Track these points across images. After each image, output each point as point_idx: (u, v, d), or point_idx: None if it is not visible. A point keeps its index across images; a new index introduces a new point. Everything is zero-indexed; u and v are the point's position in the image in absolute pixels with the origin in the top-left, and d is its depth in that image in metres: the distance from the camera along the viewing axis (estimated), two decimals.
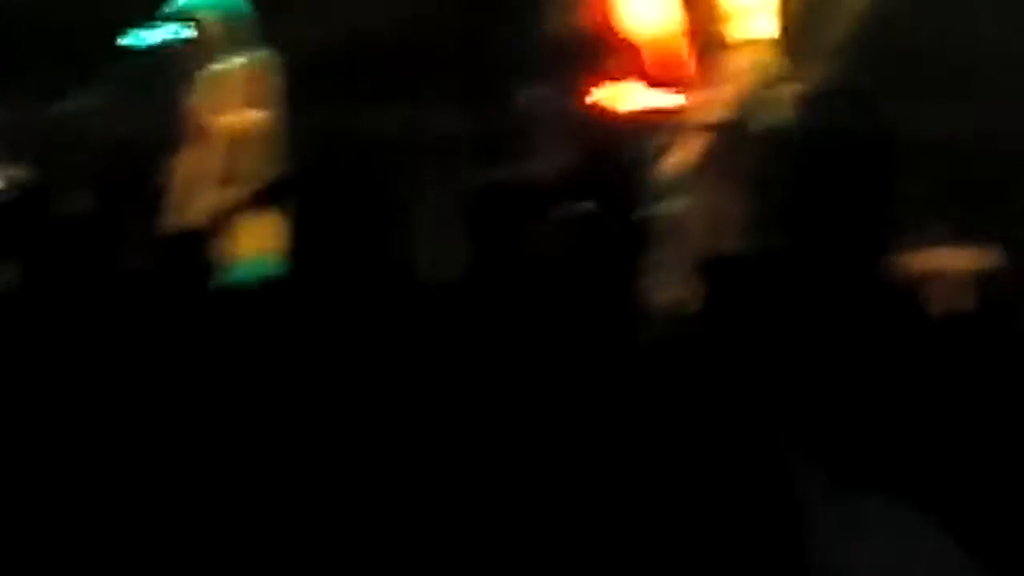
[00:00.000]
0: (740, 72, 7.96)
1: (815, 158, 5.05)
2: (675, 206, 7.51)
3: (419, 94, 8.80)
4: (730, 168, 7.54)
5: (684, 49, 7.72)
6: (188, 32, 8.24)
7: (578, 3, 7.69)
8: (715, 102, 7.74)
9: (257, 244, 7.65)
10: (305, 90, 8.24)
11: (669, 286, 7.73)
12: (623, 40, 7.60)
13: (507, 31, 8.28)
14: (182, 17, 8.22)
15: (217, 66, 8.24)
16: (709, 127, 7.54)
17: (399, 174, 7.83)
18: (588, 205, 6.03)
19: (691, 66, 7.76)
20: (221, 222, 7.72)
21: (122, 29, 8.62)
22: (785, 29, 8.58)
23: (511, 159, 7.39)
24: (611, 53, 7.58)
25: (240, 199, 7.87)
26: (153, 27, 8.51)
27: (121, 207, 7.13)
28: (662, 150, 7.47)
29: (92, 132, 8.16)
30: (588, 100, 7.55)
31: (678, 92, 7.64)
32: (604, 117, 7.54)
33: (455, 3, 9.69)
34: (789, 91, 8.53)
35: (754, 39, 8.05)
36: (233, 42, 8.10)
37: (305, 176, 7.42)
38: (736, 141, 7.58)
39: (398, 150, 8.45)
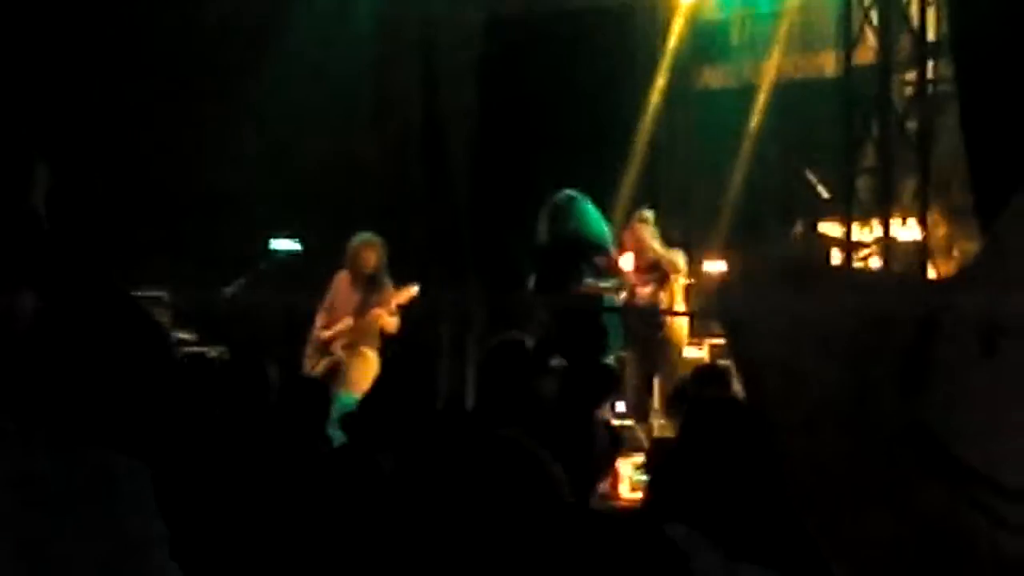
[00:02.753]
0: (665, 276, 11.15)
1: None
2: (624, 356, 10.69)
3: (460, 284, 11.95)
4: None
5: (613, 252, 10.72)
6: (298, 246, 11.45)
7: (553, 223, 10.51)
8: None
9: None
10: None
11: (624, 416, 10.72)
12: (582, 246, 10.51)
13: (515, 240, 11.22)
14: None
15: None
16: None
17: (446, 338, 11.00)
18: (561, 360, 8.88)
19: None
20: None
21: (268, 238, 11.88)
22: None
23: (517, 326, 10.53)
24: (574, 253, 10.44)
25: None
26: (284, 241, 11.85)
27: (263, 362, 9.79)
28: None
29: (241, 309, 11.24)
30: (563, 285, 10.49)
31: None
32: (572, 297, 10.46)
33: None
34: None
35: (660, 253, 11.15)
36: None
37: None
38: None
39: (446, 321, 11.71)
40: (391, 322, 11.28)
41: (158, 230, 12.45)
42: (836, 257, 11.73)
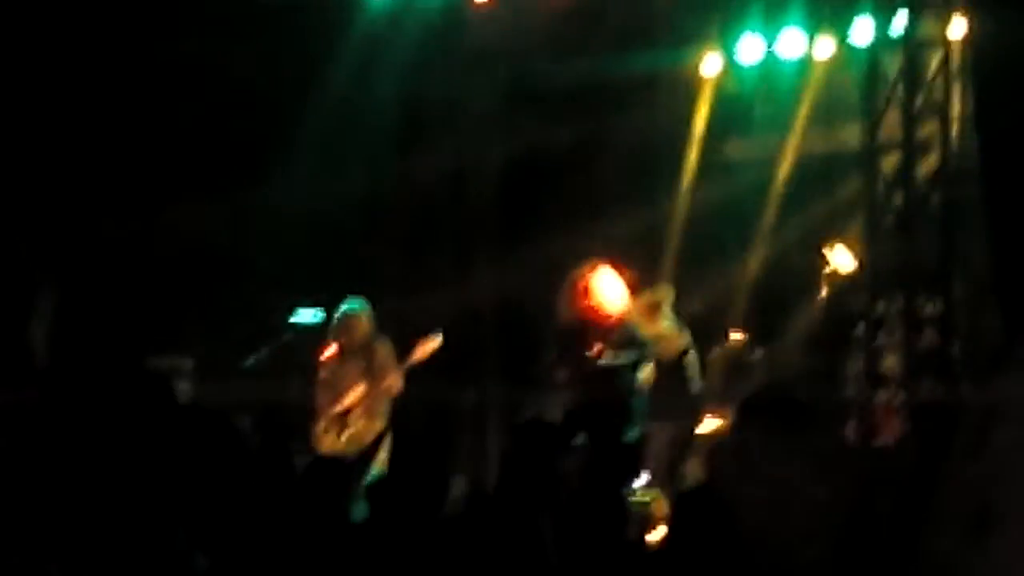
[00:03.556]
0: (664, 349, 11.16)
1: None
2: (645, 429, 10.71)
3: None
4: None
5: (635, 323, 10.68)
6: (321, 318, 11.49)
7: (573, 300, 10.53)
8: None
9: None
10: None
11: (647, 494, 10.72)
12: (601, 320, 10.47)
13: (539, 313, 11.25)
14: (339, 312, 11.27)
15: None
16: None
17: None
18: (583, 437, 8.88)
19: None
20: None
21: (288, 311, 11.94)
22: None
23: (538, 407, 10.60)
24: (593, 328, 10.44)
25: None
26: (308, 310, 11.90)
27: (282, 432, 9.86)
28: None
29: (265, 379, 11.29)
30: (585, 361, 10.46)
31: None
32: (594, 373, 10.43)
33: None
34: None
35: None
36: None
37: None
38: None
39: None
40: (398, 384, 11.28)
41: (184, 299, 12.56)
42: (860, 330, 11.79)
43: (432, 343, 11.30)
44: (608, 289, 10.63)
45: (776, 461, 5.04)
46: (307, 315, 12.06)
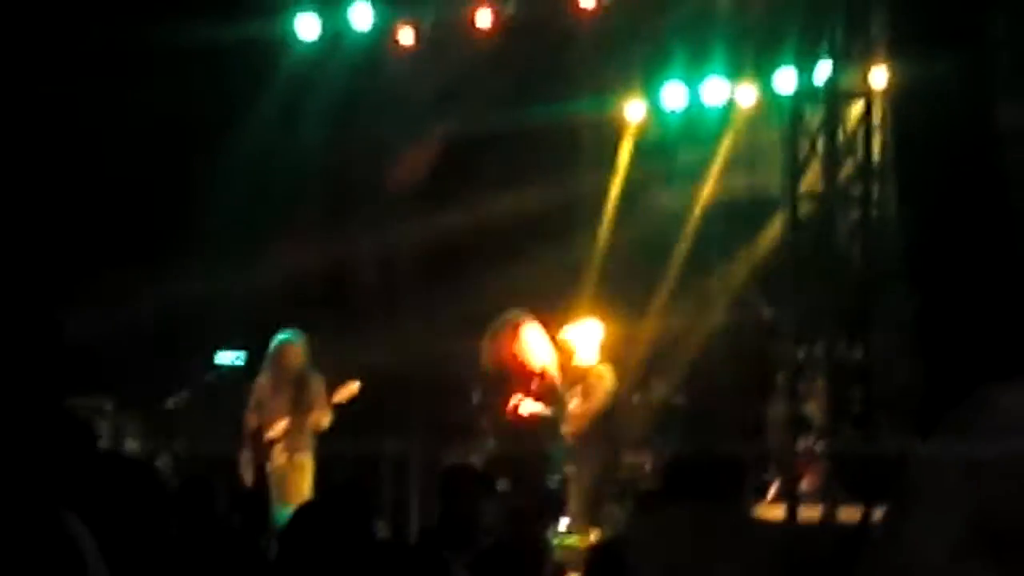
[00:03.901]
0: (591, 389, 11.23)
1: None
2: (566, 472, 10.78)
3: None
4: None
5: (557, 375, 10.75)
6: (243, 361, 11.49)
7: (497, 349, 10.56)
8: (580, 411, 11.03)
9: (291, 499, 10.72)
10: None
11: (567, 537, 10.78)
12: (524, 370, 10.53)
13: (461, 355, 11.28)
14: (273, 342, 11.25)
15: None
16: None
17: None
18: (504, 483, 8.95)
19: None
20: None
21: (210, 352, 11.93)
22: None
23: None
24: (516, 378, 10.49)
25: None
26: (229, 353, 11.88)
27: (208, 472, 9.77)
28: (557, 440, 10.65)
29: (186, 420, 11.27)
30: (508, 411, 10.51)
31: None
32: (517, 422, 10.46)
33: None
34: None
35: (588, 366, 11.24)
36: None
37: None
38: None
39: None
40: (326, 419, 11.28)
41: (104, 340, 12.42)
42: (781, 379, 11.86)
43: (351, 388, 11.29)
44: (532, 340, 10.67)
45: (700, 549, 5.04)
46: (228, 357, 12.03)
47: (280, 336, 11.39)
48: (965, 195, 9.65)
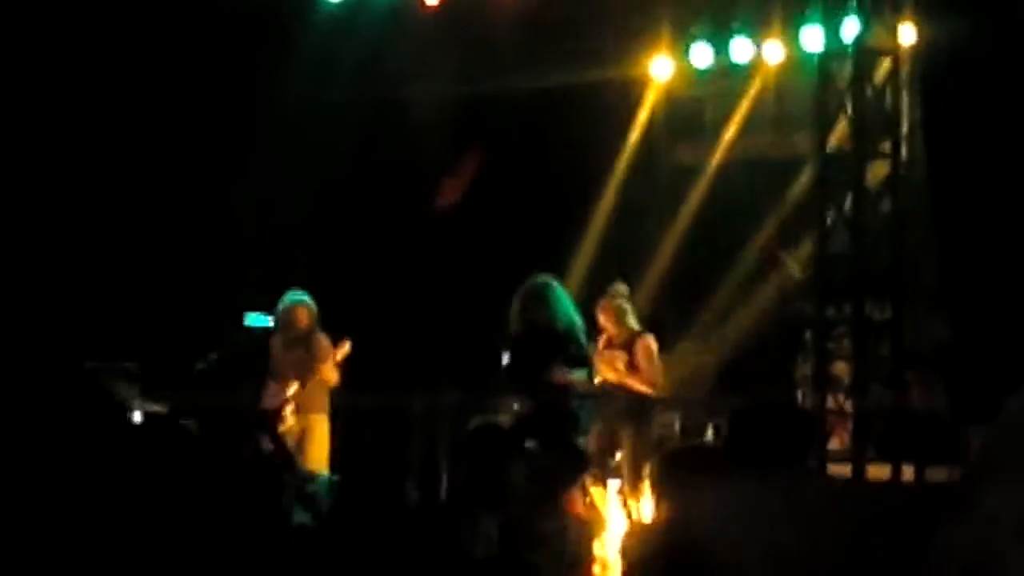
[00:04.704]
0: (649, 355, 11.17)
1: None
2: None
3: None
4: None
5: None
6: (274, 321, 11.51)
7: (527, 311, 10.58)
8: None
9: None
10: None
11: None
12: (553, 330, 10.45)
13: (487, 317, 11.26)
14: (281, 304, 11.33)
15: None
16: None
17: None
18: (533, 443, 8.96)
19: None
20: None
21: (239, 313, 11.96)
22: None
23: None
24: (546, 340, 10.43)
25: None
26: (258, 314, 11.90)
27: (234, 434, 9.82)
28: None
29: (216, 380, 11.26)
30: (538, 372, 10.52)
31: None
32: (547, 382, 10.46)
33: None
34: None
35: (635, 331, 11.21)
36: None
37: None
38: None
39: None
40: (334, 375, 11.28)
41: (132, 302, 12.44)
42: (808, 337, 11.86)
43: (343, 349, 11.30)
44: (563, 301, 10.66)
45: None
46: (258, 319, 12.04)
47: (288, 297, 11.40)
48: (994, 153, 9.63)
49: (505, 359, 10.72)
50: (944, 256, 10.57)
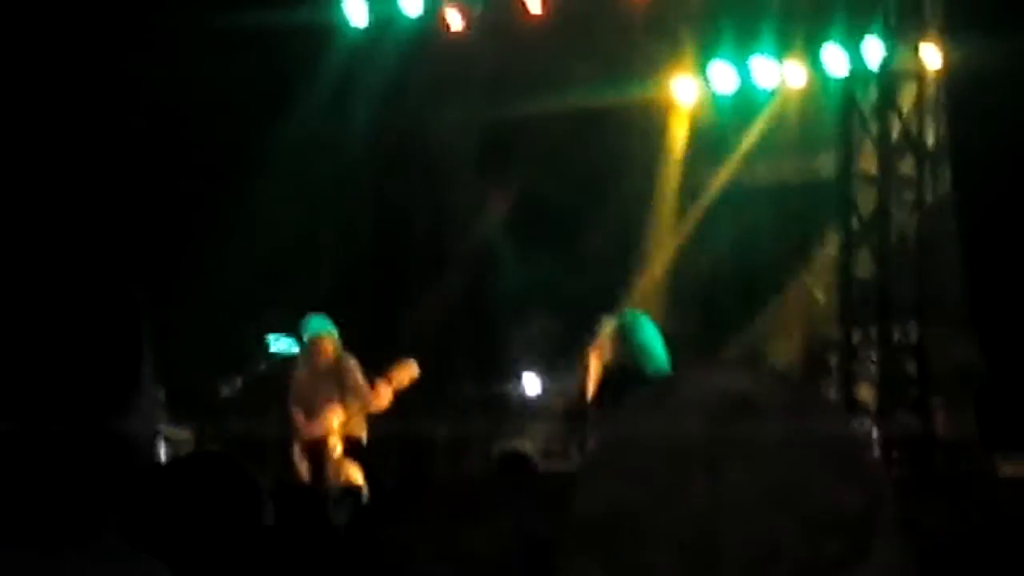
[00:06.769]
0: None
1: None
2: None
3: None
4: None
5: None
6: (297, 347, 11.40)
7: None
8: None
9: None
10: None
11: None
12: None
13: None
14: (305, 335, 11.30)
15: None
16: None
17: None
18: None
19: None
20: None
21: (264, 338, 11.91)
22: None
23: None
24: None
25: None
26: (281, 339, 11.85)
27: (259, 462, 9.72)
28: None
29: (235, 405, 11.21)
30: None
31: None
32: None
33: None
34: None
35: None
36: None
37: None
38: None
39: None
40: (384, 401, 11.00)
41: (158, 327, 12.47)
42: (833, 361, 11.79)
43: (410, 369, 11.16)
44: (650, 338, 10.41)
45: None
46: (282, 344, 11.97)
47: (311, 326, 11.25)
48: (1021, 179, 9.57)
49: (532, 383, 10.57)
50: (972, 280, 10.47)
